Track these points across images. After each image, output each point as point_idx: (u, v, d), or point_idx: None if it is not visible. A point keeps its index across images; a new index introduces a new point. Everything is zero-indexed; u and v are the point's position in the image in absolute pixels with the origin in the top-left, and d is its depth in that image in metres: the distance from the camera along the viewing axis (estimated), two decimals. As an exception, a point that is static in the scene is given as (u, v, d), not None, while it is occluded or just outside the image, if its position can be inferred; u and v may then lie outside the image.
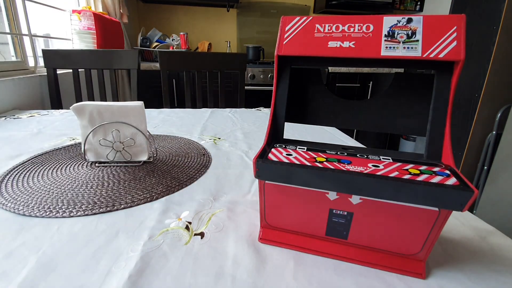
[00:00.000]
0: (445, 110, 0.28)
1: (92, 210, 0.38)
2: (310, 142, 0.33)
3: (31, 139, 0.68)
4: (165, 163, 0.55)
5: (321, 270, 0.29)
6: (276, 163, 0.26)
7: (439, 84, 0.28)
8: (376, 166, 0.25)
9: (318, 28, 0.29)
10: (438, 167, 0.26)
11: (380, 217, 0.27)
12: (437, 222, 0.25)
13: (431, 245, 0.27)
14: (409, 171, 0.25)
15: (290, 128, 0.81)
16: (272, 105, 0.31)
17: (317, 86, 0.33)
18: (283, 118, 0.32)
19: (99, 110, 0.50)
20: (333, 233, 0.30)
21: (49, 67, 1.16)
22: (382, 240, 0.29)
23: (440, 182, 0.23)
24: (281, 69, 0.31)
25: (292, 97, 0.32)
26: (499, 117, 1.58)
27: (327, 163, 0.26)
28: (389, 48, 0.27)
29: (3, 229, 0.34)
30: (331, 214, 0.28)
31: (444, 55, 0.26)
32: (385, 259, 0.29)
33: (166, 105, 1.24)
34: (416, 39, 0.26)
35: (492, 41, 1.53)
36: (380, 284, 0.27)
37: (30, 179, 0.46)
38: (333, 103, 0.33)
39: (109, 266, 0.29)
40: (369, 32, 0.27)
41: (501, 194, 1.50)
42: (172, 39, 2.38)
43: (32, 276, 0.27)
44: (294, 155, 0.28)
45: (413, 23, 0.27)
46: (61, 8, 1.65)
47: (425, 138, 0.29)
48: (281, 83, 0.31)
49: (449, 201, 0.23)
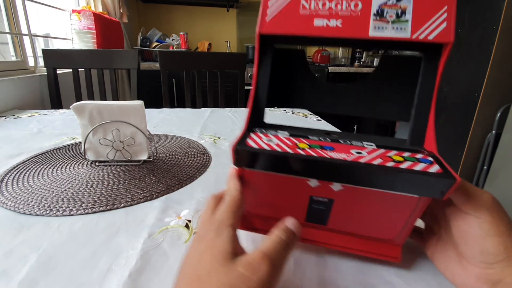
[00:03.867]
0: (430, 95, 0.27)
1: (92, 209, 0.38)
2: (292, 127, 0.31)
3: (31, 139, 0.68)
4: (165, 162, 0.55)
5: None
6: (256, 151, 0.24)
7: (426, 67, 0.27)
8: (359, 153, 0.24)
9: (303, 4, 0.26)
10: (421, 153, 0.25)
11: (360, 204, 0.27)
12: (417, 208, 0.25)
13: (409, 231, 0.27)
14: (392, 158, 0.24)
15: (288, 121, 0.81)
16: (253, 88, 0.29)
17: (300, 69, 0.31)
18: (265, 102, 0.30)
19: (99, 109, 0.50)
20: (313, 219, 0.29)
21: (49, 66, 1.16)
22: (361, 226, 0.29)
23: (423, 169, 0.22)
24: (263, 49, 0.29)
25: (275, 80, 0.30)
26: (499, 116, 1.58)
27: (309, 150, 0.25)
28: (377, 28, 0.25)
29: (3, 228, 0.35)
30: (311, 201, 0.28)
31: (433, 37, 0.24)
32: (363, 243, 0.29)
33: (166, 105, 1.24)
34: (406, 19, 0.25)
35: (492, 40, 1.53)
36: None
37: (31, 178, 0.47)
38: (317, 87, 0.31)
39: (109, 264, 0.29)
40: (357, 10, 0.26)
41: (501, 194, 1.50)
42: (172, 39, 2.39)
43: (33, 274, 0.27)
44: (275, 141, 0.26)
45: (403, 2, 0.25)
46: (61, 8, 1.65)
47: (409, 124, 0.28)
48: (263, 65, 0.29)
49: (430, 188, 0.22)
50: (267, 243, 0.21)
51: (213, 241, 0.21)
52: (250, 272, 0.18)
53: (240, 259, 0.19)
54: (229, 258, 0.19)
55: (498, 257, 0.22)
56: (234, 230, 0.22)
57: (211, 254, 0.20)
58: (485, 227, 0.23)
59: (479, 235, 0.23)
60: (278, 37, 0.28)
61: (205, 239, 0.21)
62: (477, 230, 0.23)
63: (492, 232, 0.23)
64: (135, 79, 1.23)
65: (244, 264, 0.19)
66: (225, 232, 0.21)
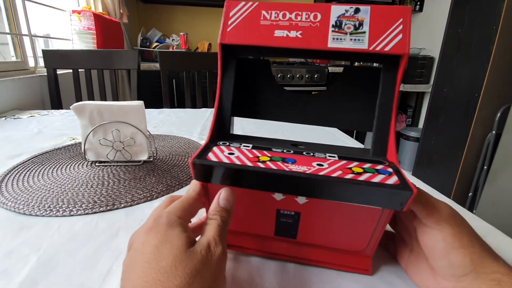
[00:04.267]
0: (390, 105, 0.27)
1: (92, 209, 0.38)
2: (259, 138, 0.31)
3: (31, 139, 0.68)
4: (165, 162, 0.55)
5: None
6: (214, 164, 0.24)
7: (385, 78, 0.27)
8: (321, 165, 0.24)
9: (264, 15, 0.27)
10: (382, 164, 0.25)
11: (326, 216, 0.26)
12: (381, 220, 0.25)
13: (377, 242, 0.27)
14: (352, 170, 0.24)
15: (295, 132, 0.81)
16: (217, 99, 0.29)
17: (264, 78, 0.31)
18: (229, 113, 0.29)
19: (99, 110, 0.50)
20: (282, 233, 0.29)
21: (49, 67, 1.16)
22: (330, 238, 0.28)
23: (381, 181, 0.22)
24: (225, 59, 0.29)
25: (240, 90, 0.30)
26: (499, 116, 1.58)
27: (270, 163, 0.24)
28: (336, 39, 0.25)
29: (3, 228, 0.34)
30: (278, 215, 0.27)
31: (390, 48, 0.25)
32: (334, 257, 0.29)
33: (166, 105, 1.24)
34: (363, 30, 0.25)
35: (492, 40, 1.53)
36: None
37: (31, 179, 0.47)
38: (280, 97, 0.30)
39: (109, 264, 0.29)
40: (317, 21, 0.26)
41: (501, 194, 1.50)
42: (172, 39, 2.39)
43: (33, 275, 0.27)
44: (236, 154, 0.25)
45: (360, 14, 0.26)
46: (61, 8, 1.65)
47: (372, 134, 0.28)
48: (226, 75, 0.29)
49: (389, 201, 0.22)
50: (213, 229, 0.22)
51: (167, 234, 0.20)
52: (210, 253, 0.20)
53: (198, 245, 0.21)
54: (189, 247, 0.20)
55: (466, 269, 0.22)
56: (184, 221, 0.22)
57: (170, 246, 0.20)
58: (448, 240, 0.23)
59: (444, 248, 0.23)
60: (240, 47, 0.28)
61: (156, 231, 0.21)
62: (441, 243, 0.23)
63: (456, 244, 0.23)
64: (135, 80, 1.23)
65: (204, 248, 0.20)
66: (176, 224, 0.21)
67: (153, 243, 0.20)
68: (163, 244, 0.20)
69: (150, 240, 0.20)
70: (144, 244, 0.20)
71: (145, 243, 0.20)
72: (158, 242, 0.20)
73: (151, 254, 0.20)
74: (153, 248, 0.20)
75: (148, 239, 0.21)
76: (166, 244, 0.20)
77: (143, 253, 0.20)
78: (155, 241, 0.20)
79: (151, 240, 0.20)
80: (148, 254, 0.20)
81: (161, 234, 0.20)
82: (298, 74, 2.22)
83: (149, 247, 0.20)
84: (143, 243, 0.21)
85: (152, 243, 0.20)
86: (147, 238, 0.21)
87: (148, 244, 0.20)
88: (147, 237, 0.21)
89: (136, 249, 0.21)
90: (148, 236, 0.21)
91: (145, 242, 0.21)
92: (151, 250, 0.20)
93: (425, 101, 2.59)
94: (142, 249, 0.20)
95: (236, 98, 0.29)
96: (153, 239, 0.20)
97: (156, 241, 0.20)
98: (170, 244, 0.20)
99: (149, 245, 0.20)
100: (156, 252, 0.20)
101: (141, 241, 0.21)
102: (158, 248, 0.20)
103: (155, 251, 0.20)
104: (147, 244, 0.20)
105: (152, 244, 0.20)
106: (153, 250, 0.20)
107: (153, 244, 0.20)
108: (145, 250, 0.20)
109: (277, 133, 0.77)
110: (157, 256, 0.19)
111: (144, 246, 0.20)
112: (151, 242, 0.20)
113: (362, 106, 0.29)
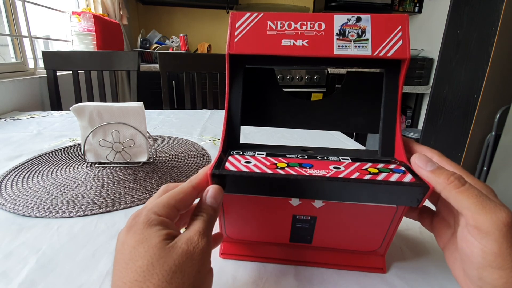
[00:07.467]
0: (395, 107, 0.28)
1: (92, 211, 0.38)
2: (268, 145, 0.31)
3: (30, 140, 0.68)
4: (164, 163, 0.55)
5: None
6: (235, 174, 0.24)
7: (388, 82, 0.28)
8: (337, 168, 0.25)
9: (270, 25, 0.27)
10: (393, 163, 0.26)
11: (341, 218, 0.27)
12: (395, 217, 0.26)
13: (390, 240, 0.28)
14: (368, 171, 0.24)
15: (294, 133, 0.81)
16: (226, 109, 0.29)
17: (271, 87, 0.31)
18: (239, 122, 0.29)
19: (98, 111, 0.50)
20: (297, 238, 0.29)
21: (49, 68, 1.16)
22: (345, 240, 0.29)
23: (398, 180, 0.23)
24: (233, 69, 0.29)
25: (247, 99, 0.30)
26: (498, 118, 1.58)
27: (288, 168, 0.24)
28: (341, 47, 0.27)
29: (3, 229, 0.34)
30: (294, 220, 0.28)
31: (392, 54, 0.26)
32: (348, 258, 0.29)
33: (166, 107, 1.24)
34: (366, 38, 0.27)
35: (491, 42, 1.54)
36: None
37: (30, 180, 0.46)
38: (288, 104, 0.31)
39: (108, 266, 0.29)
40: (321, 30, 0.27)
41: (501, 195, 1.50)
42: (171, 40, 2.39)
43: (32, 276, 0.27)
44: (253, 162, 0.25)
45: (362, 22, 0.27)
46: (61, 10, 1.65)
47: (378, 136, 0.29)
48: (234, 84, 0.29)
49: (407, 198, 0.23)
50: (198, 223, 0.22)
51: (144, 233, 0.20)
52: (192, 246, 0.20)
53: (179, 238, 0.20)
54: (167, 243, 0.20)
55: None
56: (167, 217, 0.21)
57: (147, 245, 0.19)
58: (488, 258, 0.20)
59: (480, 263, 0.21)
60: (248, 57, 0.29)
61: (134, 231, 0.20)
62: (479, 258, 0.20)
63: (496, 265, 0.20)
64: (135, 81, 1.23)
65: (185, 241, 0.20)
66: (155, 222, 0.20)
67: (131, 243, 0.20)
68: (140, 244, 0.19)
69: (128, 240, 0.20)
70: (123, 244, 0.20)
71: (124, 244, 0.20)
72: (135, 242, 0.20)
73: (129, 254, 0.19)
74: (131, 248, 0.20)
75: (126, 239, 0.20)
76: (143, 243, 0.19)
77: (122, 253, 0.20)
78: (132, 241, 0.20)
79: (129, 240, 0.20)
80: (127, 254, 0.19)
81: (138, 234, 0.20)
82: (298, 75, 2.23)
83: (127, 247, 0.20)
84: (122, 244, 0.20)
85: (130, 243, 0.20)
86: (126, 238, 0.20)
87: (127, 244, 0.20)
88: (126, 238, 0.20)
89: (117, 249, 0.21)
90: (127, 236, 0.20)
91: (124, 243, 0.20)
92: (129, 250, 0.20)
93: (425, 102, 2.60)
94: (121, 250, 0.20)
95: (244, 107, 0.30)
96: (131, 239, 0.20)
97: (133, 241, 0.20)
98: (147, 243, 0.19)
99: (128, 245, 0.20)
100: (133, 252, 0.19)
101: (121, 241, 0.21)
102: (135, 248, 0.19)
103: (132, 251, 0.19)
104: (125, 244, 0.20)
105: (130, 244, 0.20)
106: (130, 250, 0.19)
107: (131, 244, 0.20)
108: (124, 250, 0.20)
109: (277, 134, 0.77)
110: (134, 256, 0.19)
111: (123, 247, 0.20)
112: (129, 242, 0.20)
113: (366, 109, 0.30)
